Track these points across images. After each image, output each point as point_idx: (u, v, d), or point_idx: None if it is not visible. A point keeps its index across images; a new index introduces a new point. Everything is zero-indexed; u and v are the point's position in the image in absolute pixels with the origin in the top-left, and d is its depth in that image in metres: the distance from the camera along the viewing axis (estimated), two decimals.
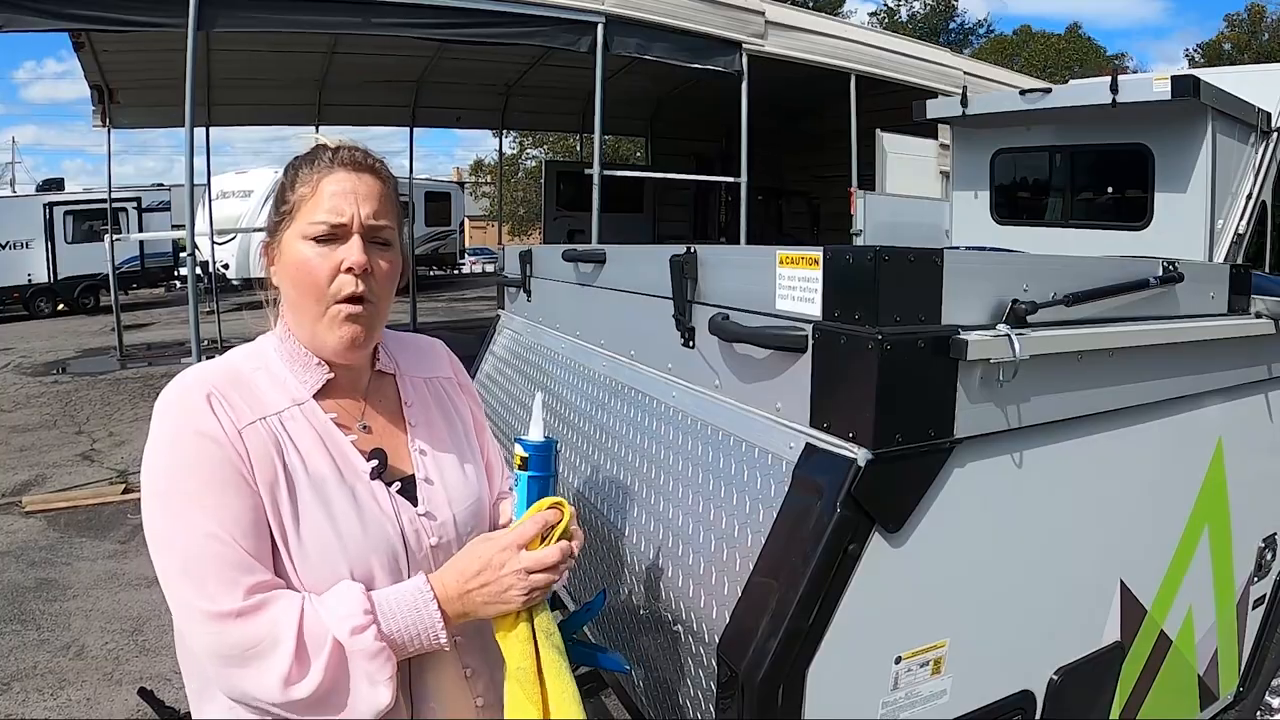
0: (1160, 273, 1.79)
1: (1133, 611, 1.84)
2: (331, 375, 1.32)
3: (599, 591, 1.59)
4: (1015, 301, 1.46)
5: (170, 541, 1.16)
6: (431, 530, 1.34)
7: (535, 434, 1.37)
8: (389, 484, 1.33)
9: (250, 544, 1.17)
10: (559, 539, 1.29)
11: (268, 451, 1.21)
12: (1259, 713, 2.52)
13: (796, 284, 1.46)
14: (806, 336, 1.41)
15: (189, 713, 2.39)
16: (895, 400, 1.29)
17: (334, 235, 1.25)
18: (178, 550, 1.15)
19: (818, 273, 1.41)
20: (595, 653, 1.51)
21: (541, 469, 1.35)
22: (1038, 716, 1.66)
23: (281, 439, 1.24)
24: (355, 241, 1.25)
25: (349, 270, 1.24)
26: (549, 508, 1.31)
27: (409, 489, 1.36)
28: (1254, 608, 2.33)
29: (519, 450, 1.35)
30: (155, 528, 1.18)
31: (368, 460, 1.31)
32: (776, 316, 1.51)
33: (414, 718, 1.29)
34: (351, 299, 1.25)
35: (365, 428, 1.36)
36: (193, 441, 1.18)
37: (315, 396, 1.31)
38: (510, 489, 1.45)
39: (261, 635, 1.12)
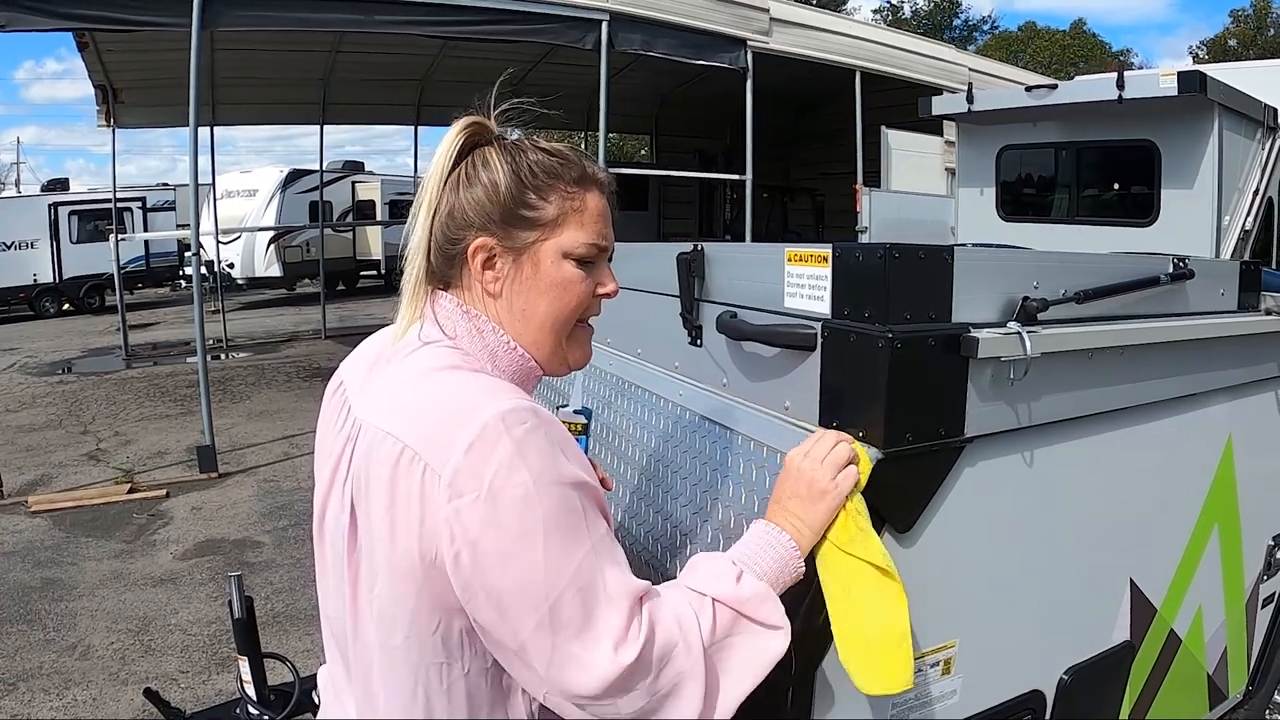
0: (1171, 269, 1.77)
1: (1143, 610, 1.83)
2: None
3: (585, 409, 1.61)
4: (1026, 299, 1.44)
5: (557, 580, 0.99)
6: None
7: (580, 402, 1.66)
8: None
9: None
10: None
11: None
12: (1268, 712, 2.51)
13: (805, 282, 1.45)
14: (815, 335, 1.39)
15: (194, 713, 2.38)
16: (906, 399, 1.28)
17: (593, 257, 1.18)
18: (571, 587, 1.00)
19: (827, 270, 1.40)
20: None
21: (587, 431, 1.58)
22: (1048, 716, 1.65)
23: None
24: (608, 268, 1.21)
25: (603, 296, 1.21)
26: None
27: None
28: (1263, 606, 2.32)
29: (579, 418, 1.53)
30: (536, 572, 0.99)
31: None
32: (785, 314, 1.50)
33: None
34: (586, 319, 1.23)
35: None
36: (563, 479, 1.03)
37: None
38: None
39: (669, 641, 1.03)
